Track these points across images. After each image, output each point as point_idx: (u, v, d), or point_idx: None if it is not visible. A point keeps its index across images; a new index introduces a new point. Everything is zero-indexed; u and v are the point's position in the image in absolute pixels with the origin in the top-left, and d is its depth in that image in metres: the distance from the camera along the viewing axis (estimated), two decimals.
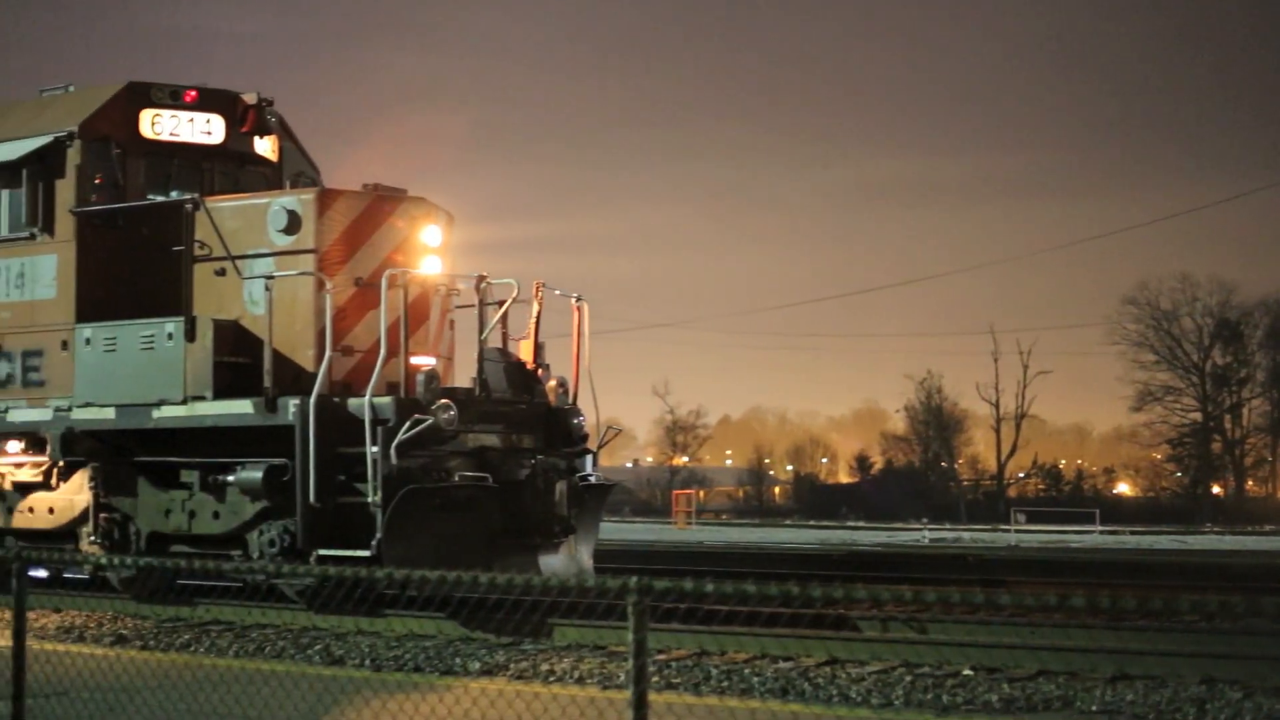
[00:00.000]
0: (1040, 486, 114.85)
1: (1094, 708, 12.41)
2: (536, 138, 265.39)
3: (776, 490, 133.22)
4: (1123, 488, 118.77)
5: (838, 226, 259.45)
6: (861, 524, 75.98)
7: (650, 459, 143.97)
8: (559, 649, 15.68)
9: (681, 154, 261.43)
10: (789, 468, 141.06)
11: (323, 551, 16.99)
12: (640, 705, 7.34)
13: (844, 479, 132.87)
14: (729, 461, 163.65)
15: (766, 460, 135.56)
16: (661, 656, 14.75)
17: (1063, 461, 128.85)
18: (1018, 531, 60.22)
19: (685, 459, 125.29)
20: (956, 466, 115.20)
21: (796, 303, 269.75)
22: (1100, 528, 65.19)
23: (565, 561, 18.56)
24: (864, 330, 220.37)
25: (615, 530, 46.73)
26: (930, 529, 61.00)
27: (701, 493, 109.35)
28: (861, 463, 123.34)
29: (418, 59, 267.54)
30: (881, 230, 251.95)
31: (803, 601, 7.13)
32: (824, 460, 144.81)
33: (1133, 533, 62.30)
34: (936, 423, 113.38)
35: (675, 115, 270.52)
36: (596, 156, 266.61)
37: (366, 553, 16.67)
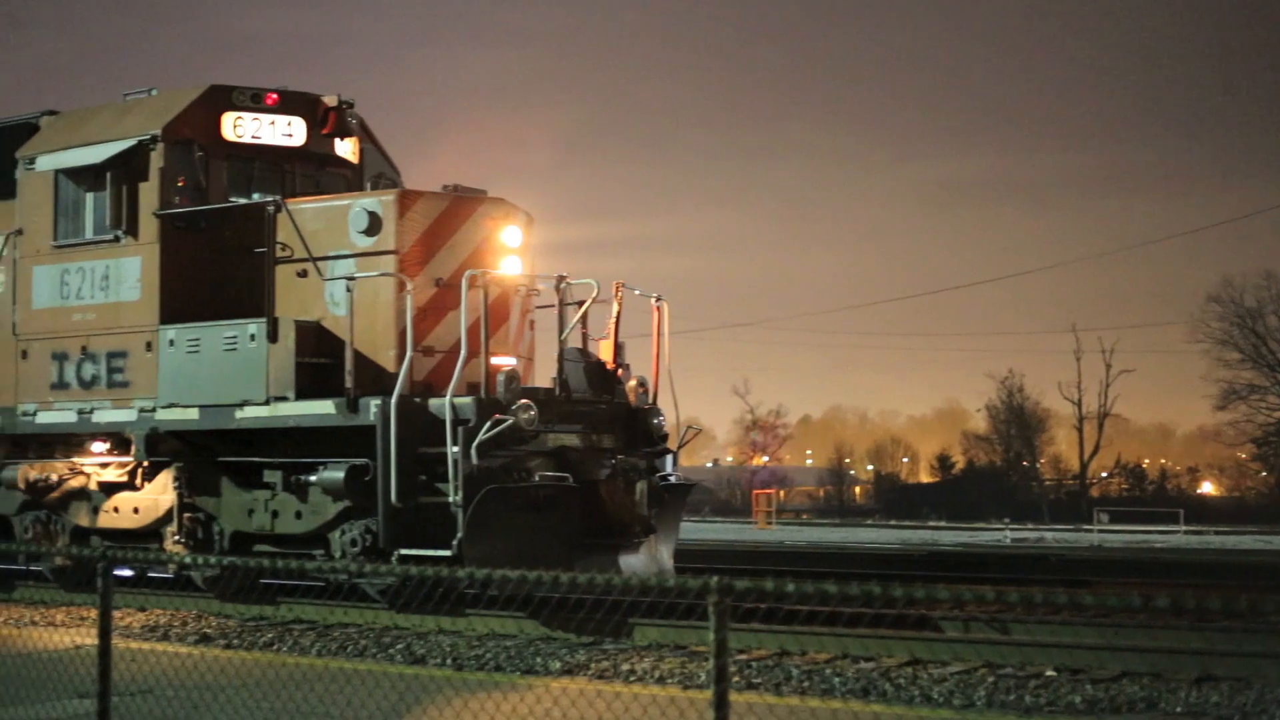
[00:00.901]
0: (1123, 486, 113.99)
1: (1178, 709, 12.30)
2: (617, 139, 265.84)
3: (857, 490, 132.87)
4: (1207, 487, 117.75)
5: (918, 225, 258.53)
6: (943, 524, 75.61)
7: (730, 459, 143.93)
8: (640, 649, 15.67)
9: (762, 154, 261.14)
10: (870, 467, 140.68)
11: (404, 551, 17.04)
12: (721, 705, 7.33)
13: (925, 479, 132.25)
14: (809, 461, 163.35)
15: (847, 460, 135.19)
16: (742, 656, 14.73)
17: (1146, 461, 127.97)
18: (1101, 532, 59.75)
19: (765, 459, 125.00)
20: (1039, 466, 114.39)
21: (877, 301, 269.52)
22: (1184, 528, 64.58)
23: (646, 561, 18.54)
24: (945, 329, 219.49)
25: (695, 530, 46.69)
26: (1012, 529, 60.67)
27: (782, 492, 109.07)
28: (943, 462, 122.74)
29: (499, 61, 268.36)
30: (962, 228, 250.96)
31: (884, 602, 7.10)
32: (905, 460, 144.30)
33: (1217, 533, 61.74)
34: (1018, 422, 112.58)
35: (755, 116, 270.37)
36: (677, 157, 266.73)
37: (448, 552, 16.72)
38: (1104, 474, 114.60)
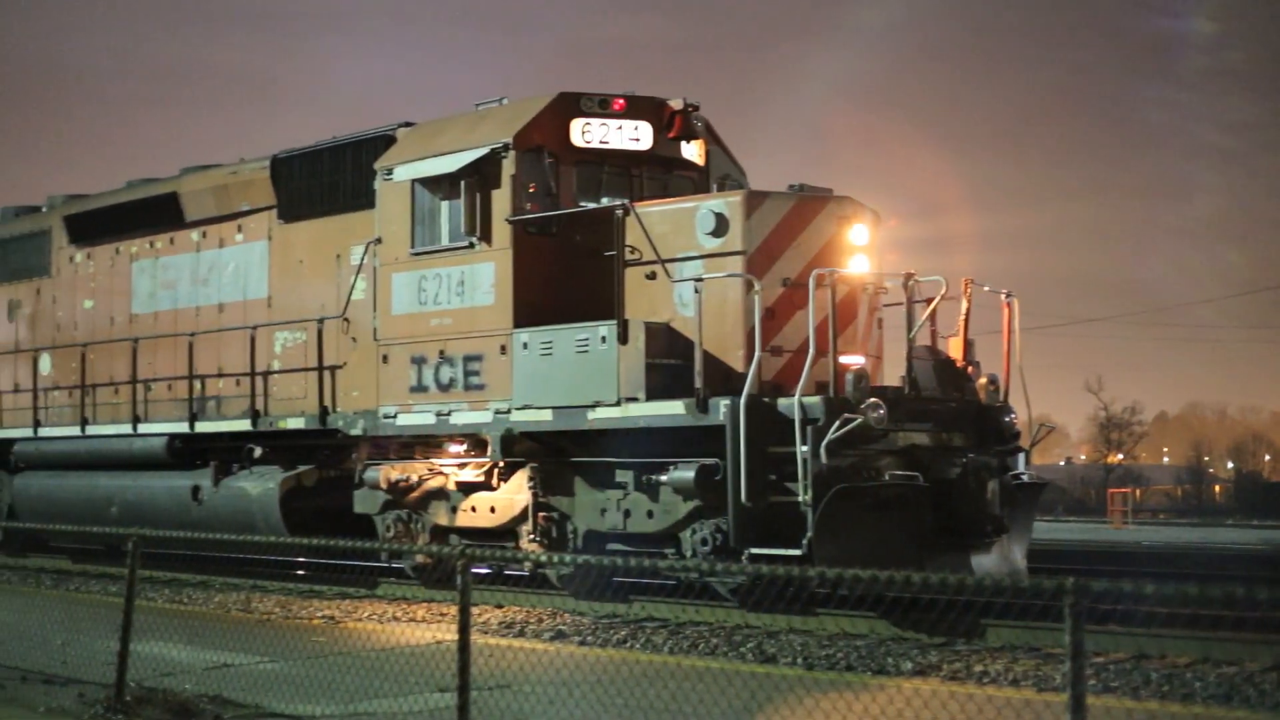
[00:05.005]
0: None
1: None
2: (967, 134, 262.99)
3: (1217, 488, 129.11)
4: None
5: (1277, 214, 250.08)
6: None
7: (1084, 457, 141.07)
8: (993, 650, 15.46)
9: (1115, 146, 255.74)
10: (1230, 465, 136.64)
11: (754, 550, 17.06)
12: (1078, 708, 7.20)
13: None
14: (1166, 459, 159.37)
15: (1206, 458, 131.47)
16: (1099, 659, 14.42)
17: None
18: None
19: (1120, 457, 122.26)
20: None
21: (1238, 294, 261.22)
22: None
23: (998, 561, 18.29)
24: None
25: (1049, 530, 45.86)
26: None
27: (1138, 491, 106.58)
28: None
29: (848, 61, 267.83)
30: None
31: (1248, 603, 6.88)
32: (1268, 458, 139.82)
33: None
34: None
35: (1106, 108, 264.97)
36: (1026, 151, 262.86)
37: (798, 551, 16.70)
38: None
